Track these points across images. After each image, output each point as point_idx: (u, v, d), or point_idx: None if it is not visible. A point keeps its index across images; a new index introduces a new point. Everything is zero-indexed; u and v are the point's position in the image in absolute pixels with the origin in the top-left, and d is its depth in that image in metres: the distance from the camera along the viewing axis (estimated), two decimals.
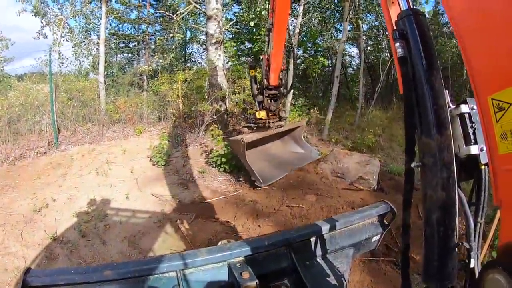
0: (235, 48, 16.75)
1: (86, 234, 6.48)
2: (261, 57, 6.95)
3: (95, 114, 13.13)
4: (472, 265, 1.59)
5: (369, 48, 20.71)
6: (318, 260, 2.77)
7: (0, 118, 11.39)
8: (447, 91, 1.63)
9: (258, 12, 13.69)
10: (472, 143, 1.56)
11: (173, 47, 16.11)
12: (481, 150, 1.54)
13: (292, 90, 12.23)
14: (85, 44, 18.45)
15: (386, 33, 16.57)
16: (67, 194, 8.02)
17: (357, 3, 14.79)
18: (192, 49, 21.78)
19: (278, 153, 7.60)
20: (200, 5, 13.95)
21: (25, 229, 6.65)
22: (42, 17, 17.35)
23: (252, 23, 14.24)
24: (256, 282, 2.20)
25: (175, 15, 13.89)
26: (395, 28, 1.72)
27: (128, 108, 13.38)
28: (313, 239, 2.77)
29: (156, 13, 19.60)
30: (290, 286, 2.60)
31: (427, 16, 15.55)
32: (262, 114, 6.22)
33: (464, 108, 1.60)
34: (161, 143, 10.31)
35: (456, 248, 1.56)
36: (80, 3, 17.23)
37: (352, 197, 7.17)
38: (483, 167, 1.56)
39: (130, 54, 20.95)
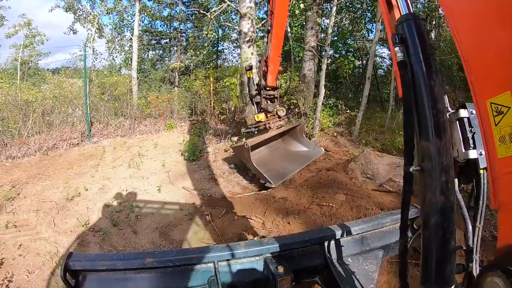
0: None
1: (117, 223, 6.42)
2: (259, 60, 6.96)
3: (127, 109, 13.32)
4: (471, 269, 1.62)
5: None
6: (349, 259, 2.77)
7: (34, 109, 11.60)
8: (446, 96, 1.63)
9: (291, 11, 13.53)
10: (471, 148, 1.58)
11: (205, 44, 16.14)
12: (480, 154, 1.55)
13: (324, 90, 11.98)
14: (118, 40, 18.76)
15: None
16: (99, 184, 8.02)
17: None
18: (223, 46, 21.92)
19: (282, 152, 7.77)
20: (233, 3, 13.91)
21: (58, 216, 6.63)
22: (74, 13, 17.75)
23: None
24: (292, 276, 2.26)
25: (209, 13, 13.87)
26: (394, 32, 1.72)
27: (159, 103, 13.51)
28: (345, 239, 2.79)
29: (188, 10, 19.80)
30: (322, 283, 2.66)
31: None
32: (261, 117, 6.23)
33: (463, 113, 1.61)
34: (192, 138, 10.30)
35: (455, 252, 1.56)
36: (113, 1, 17.56)
37: (381, 198, 6.94)
38: (482, 171, 1.57)
39: (161, 51, 21.30)
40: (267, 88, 6.20)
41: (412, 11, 1.73)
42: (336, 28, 18.06)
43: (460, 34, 1.37)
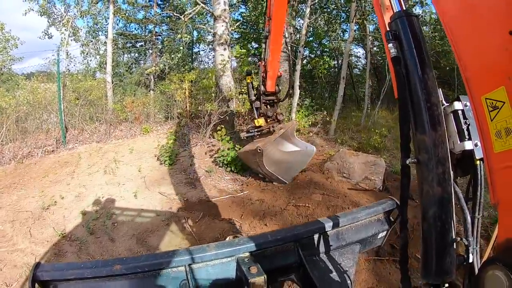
0: (242, 48, 16.77)
1: (94, 232, 6.48)
2: (258, 64, 7.05)
3: (102, 113, 13.21)
4: (470, 260, 1.64)
5: (375, 48, 20.52)
6: (324, 255, 2.76)
7: (8, 116, 11.43)
8: (440, 89, 1.68)
9: (264, 13, 13.68)
10: (466, 139, 1.62)
11: (180, 47, 16.14)
12: (476, 145, 1.59)
13: (298, 91, 12.18)
14: (93, 44, 18.55)
15: None
16: (75, 192, 8.03)
17: (363, 4, 14.74)
18: (199, 48, 21.94)
19: (282, 153, 7.73)
20: (207, 6, 13.99)
21: (34, 226, 6.66)
22: (48, 16, 17.45)
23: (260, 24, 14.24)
24: (264, 277, 2.21)
25: (182, 15, 13.89)
26: (388, 29, 1.78)
27: (135, 107, 13.45)
28: (320, 235, 2.76)
29: (163, 13, 19.72)
30: (297, 281, 2.63)
31: (434, 17, 15.55)
32: (261, 122, 6.41)
33: (458, 105, 1.66)
34: (168, 142, 10.33)
35: (454, 243, 1.59)
36: (88, 3, 17.34)
37: (357, 197, 7.11)
38: (478, 162, 1.61)
39: (137, 54, 21.11)
40: (267, 93, 6.33)
41: (404, 8, 1.78)
42: (311, 29, 18.22)
43: (455, 33, 1.39)
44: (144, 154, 10.32)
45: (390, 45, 1.70)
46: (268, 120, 6.51)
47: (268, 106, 6.50)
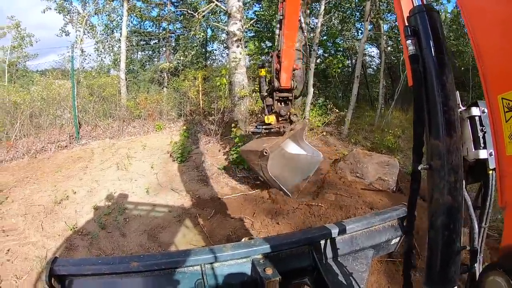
0: (256, 46, 16.69)
1: (106, 226, 6.43)
2: (270, 55, 5.83)
3: (116, 110, 13.31)
4: (474, 270, 1.61)
5: (389, 48, 20.32)
6: (338, 259, 2.78)
7: (22, 111, 11.53)
8: (457, 92, 1.58)
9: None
10: (481, 147, 1.54)
11: (194, 45, 16.13)
12: (490, 155, 1.51)
13: (312, 89, 12.04)
14: (107, 41, 18.68)
15: None
16: (87, 187, 8.02)
17: (378, 3, 14.55)
18: (212, 47, 21.94)
19: (287, 156, 6.60)
20: (221, 3, 13.93)
21: (46, 220, 6.64)
22: (65, 14, 17.65)
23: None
24: (279, 278, 2.23)
25: (196, 13, 13.85)
26: (406, 24, 1.66)
27: (148, 104, 13.49)
28: (334, 239, 2.79)
29: (177, 11, 19.74)
30: (311, 284, 2.62)
31: (449, 16, 15.30)
32: (271, 119, 5.48)
33: (475, 111, 1.57)
34: (181, 139, 10.30)
35: (460, 253, 1.55)
36: (103, 1, 17.47)
37: (371, 197, 7.00)
38: (491, 172, 1.54)
39: (150, 52, 21.19)
40: (281, 89, 5.35)
41: (425, 2, 1.67)
42: (325, 28, 18.08)
43: (476, 31, 1.33)
44: (156, 150, 10.33)
45: (409, 41, 1.60)
46: (280, 120, 5.55)
47: (281, 103, 5.50)
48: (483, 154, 1.52)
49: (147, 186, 8.07)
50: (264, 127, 5.72)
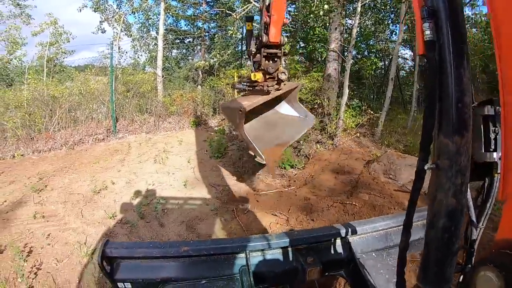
0: (290, 46, 16.58)
1: (144, 216, 6.39)
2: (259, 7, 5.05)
3: (152, 106, 13.46)
4: (468, 269, 1.64)
5: None
6: (373, 254, 2.85)
7: (61, 105, 11.74)
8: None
9: (315, 11, 13.35)
10: (491, 150, 1.47)
11: (230, 43, 16.15)
12: (500, 159, 1.45)
13: (347, 90, 11.78)
14: (144, 39, 19.01)
15: None
16: (125, 178, 8.04)
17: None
18: None
19: (274, 119, 5.82)
20: (257, 3, 13.87)
21: (85, 207, 6.65)
22: (101, 12, 18.06)
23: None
24: (320, 267, 2.43)
25: (234, 13, 13.85)
26: (423, 4, 1.40)
27: (184, 101, 13.54)
28: (370, 234, 2.89)
29: (212, 10, 19.90)
30: (346, 277, 2.78)
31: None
32: (258, 76, 4.62)
33: (489, 110, 1.47)
34: (217, 136, 10.26)
35: (457, 254, 1.52)
36: (139, 0, 17.79)
37: (403, 199, 6.94)
38: (497, 175, 1.51)
39: (185, 50, 21.49)
40: (269, 45, 4.60)
41: None
42: (358, 29, 17.83)
43: (499, 18, 1.21)
44: (192, 146, 10.36)
45: (426, 24, 1.37)
46: (267, 77, 4.71)
47: (269, 60, 4.68)
48: (493, 157, 1.47)
49: (184, 179, 8.04)
50: (248, 83, 5.07)
